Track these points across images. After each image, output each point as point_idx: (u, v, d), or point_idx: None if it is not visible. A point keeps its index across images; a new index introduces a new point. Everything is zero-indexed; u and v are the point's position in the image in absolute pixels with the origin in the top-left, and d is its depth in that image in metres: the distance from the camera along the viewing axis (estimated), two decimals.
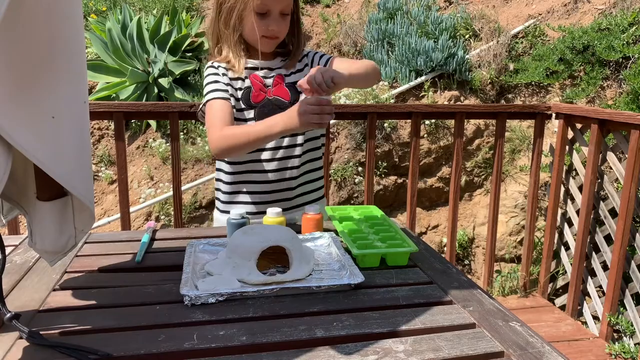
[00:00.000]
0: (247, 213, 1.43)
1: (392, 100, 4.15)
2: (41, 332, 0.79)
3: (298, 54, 1.48)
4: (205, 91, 1.44)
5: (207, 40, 1.52)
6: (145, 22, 4.85)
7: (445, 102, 4.08)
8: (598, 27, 3.62)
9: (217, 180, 1.52)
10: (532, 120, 2.66)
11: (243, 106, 1.42)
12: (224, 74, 1.43)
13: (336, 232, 1.25)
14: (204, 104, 1.42)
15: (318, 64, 1.48)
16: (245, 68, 1.43)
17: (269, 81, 1.44)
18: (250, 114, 1.42)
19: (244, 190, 1.46)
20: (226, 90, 1.41)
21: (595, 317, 2.51)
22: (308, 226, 1.25)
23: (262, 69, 1.45)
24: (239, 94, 1.43)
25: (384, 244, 1.14)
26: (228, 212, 1.49)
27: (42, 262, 1.09)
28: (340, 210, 1.39)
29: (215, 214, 1.55)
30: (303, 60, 1.51)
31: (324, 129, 1.51)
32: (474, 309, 0.91)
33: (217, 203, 1.54)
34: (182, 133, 4.16)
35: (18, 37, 0.73)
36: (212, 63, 1.46)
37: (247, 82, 1.42)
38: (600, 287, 2.44)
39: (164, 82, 4.44)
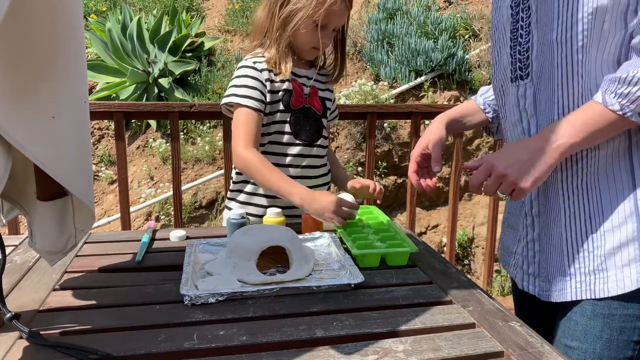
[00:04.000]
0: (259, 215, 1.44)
1: (392, 100, 4.15)
2: (41, 332, 0.79)
3: (341, 74, 1.52)
4: (236, 87, 1.39)
5: (252, 34, 1.50)
6: (145, 22, 4.85)
7: (445, 102, 4.08)
8: None
9: (236, 182, 1.51)
10: None
11: (282, 108, 1.42)
12: (267, 79, 1.40)
13: (336, 232, 1.25)
14: (232, 103, 1.38)
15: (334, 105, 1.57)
16: (295, 74, 1.44)
17: (307, 89, 1.46)
18: (287, 117, 1.42)
19: (261, 192, 1.46)
20: (260, 100, 1.38)
21: None
22: (308, 226, 1.25)
23: (301, 76, 1.46)
24: (279, 95, 1.42)
25: (383, 244, 1.14)
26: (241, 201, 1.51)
27: (42, 262, 1.09)
28: None
29: (227, 213, 1.54)
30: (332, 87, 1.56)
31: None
32: (474, 309, 0.91)
33: (230, 202, 1.53)
34: (182, 133, 4.16)
35: (18, 37, 0.73)
36: (252, 61, 1.42)
37: (289, 86, 1.42)
38: None
39: (164, 82, 4.44)
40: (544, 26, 0.95)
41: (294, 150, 1.43)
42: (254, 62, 1.41)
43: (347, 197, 1.27)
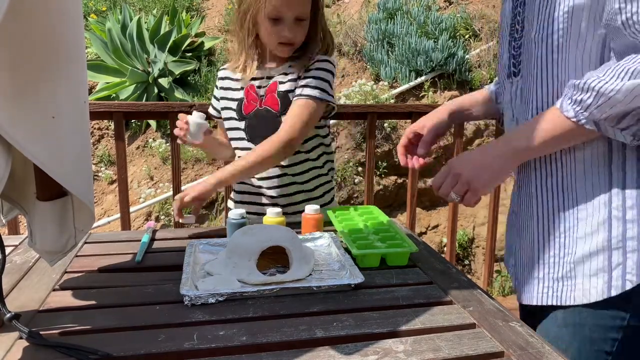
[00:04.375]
0: (254, 213, 1.44)
1: (392, 100, 4.15)
2: (41, 332, 0.79)
3: (305, 59, 1.41)
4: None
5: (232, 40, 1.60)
6: (145, 22, 4.85)
7: (445, 102, 4.08)
8: None
9: (239, 182, 1.52)
10: None
11: (235, 116, 1.46)
12: (221, 87, 1.51)
13: (336, 232, 1.25)
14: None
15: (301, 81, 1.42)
16: (252, 78, 1.44)
17: (262, 91, 1.43)
18: (242, 124, 1.44)
19: (264, 192, 1.47)
20: (215, 109, 1.55)
21: None
22: (308, 226, 1.25)
23: (269, 77, 1.43)
24: (234, 105, 1.47)
25: (383, 244, 1.14)
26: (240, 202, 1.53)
27: (42, 262, 1.09)
28: (340, 210, 1.39)
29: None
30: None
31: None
32: (474, 309, 0.91)
33: (232, 203, 1.54)
34: None
35: (18, 37, 0.73)
36: (221, 71, 1.53)
37: (242, 94, 1.45)
38: None
39: (163, 82, 4.44)
40: (528, 23, 0.93)
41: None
42: (221, 76, 1.52)
43: (195, 115, 1.40)
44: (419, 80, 4.23)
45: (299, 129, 1.35)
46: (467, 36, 4.55)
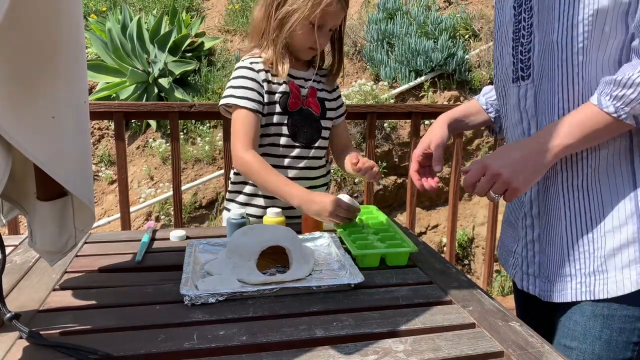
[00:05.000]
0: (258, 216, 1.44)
1: (392, 100, 4.15)
2: (41, 332, 0.79)
3: (338, 73, 1.51)
4: (233, 89, 1.39)
5: (249, 35, 1.51)
6: (145, 22, 4.85)
7: (445, 102, 4.08)
8: None
9: (235, 183, 1.50)
10: None
11: (279, 110, 1.42)
12: (264, 80, 1.40)
13: (336, 232, 1.25)
14: (230, 104, 1.39)
15: (339, 102, 1.55)
16: (289, 75, 1.43)
17: (305, 91, 1.45)
18: (284, 119, 1.42)
19: (260, 193, 1.46)
20: (258, 101, 1.38)
21: None
22: (308, 226, 1.25)
23: (299, 78, 1.45)
24: (276, 97, 1.41)
25: (383, 244, 1.14)
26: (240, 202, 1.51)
27: (42, 262, 1.09)
28: None
29: (226, 214, 1.53)
30: (333, 85, 1.54)
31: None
32: (474, 309, 0.91)
33: (229, 204, 1.53)
34: (182, 133, 4.16)
35: (18, 37, 0.73)
36: (249, 62, 1.42)
37: (286, 88, 1.42)
38: None
39: (164, 82, 4.44)
40: (545, 27, 0.95)
41: (292, 152, 1.43)
42: (251, 63, 1.41)
43: (345, 197, 1.27)
44: (419, 80, 4.23)
45: None
46: (466, 36, 4.55)
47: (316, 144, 1.46)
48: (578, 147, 0.92)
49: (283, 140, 1.43)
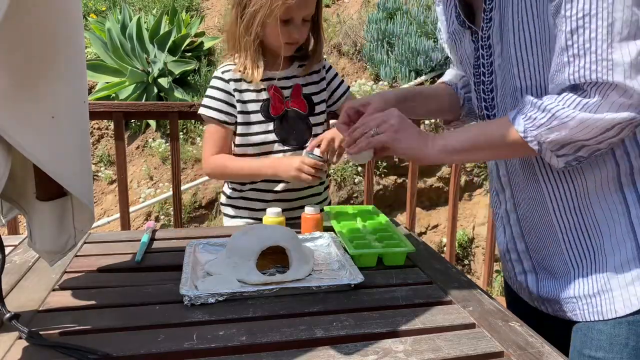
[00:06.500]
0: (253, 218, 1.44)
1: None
2: (41, 332, 0.79)
3: (315, 58, 1.46)
4: (206, 98, 1.42)
5: (224, 41, 1.50)
6: (144, 22, 4.85)
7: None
8: None
9: (231, 197, 1.51)
10: None
11: (262, 118, 1.41)
12: (235, 89, 1.40)
13: (335, 231, 1.25)
14: (203, 115, 1.43)
15: (335, 84, 1.52)
16: (262, 80, 1.40)
17: (287, 92, 1.43)
18: (270, 126, 1.42)
19: (258, 197, 1.47)
20: (227, 112, 1.40)
21: None
22: (308, 226, 1.25)
23: (281, 78, 1.43)
24: (254, 106, 1.41)
25: (381, 244, 1.14)
26: (238, 217, 1.49)
27: (41, 262, 1.08)
28: (338, 210, 1.39)
29: (227, 220, 1.53)
30: (321, 72, 1.49)
31: None
32: (474, 309, 0.91)
33: (226, 208, 1.53)
34: (181, 133, 4.16)
35: (18, 37, 0.73)
36: (221, 71, 1.42)
37: (266, 94, 1.41)
38: None
39: (163, 82, 4.44)
40: (505, 72, 0.94)
41: (286, 156, 1.43)
42: (222, 72, 1.42)
43: (316, 152, 1.32)
44: (419, 80, 4.23)
45: None
46: None
47: (308, 143, 1.45)
48: (474, 155, 0.95)
49: (275, 147, 1.43)
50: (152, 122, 4.44)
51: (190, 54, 4.77)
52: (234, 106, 1.40)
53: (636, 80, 0.77)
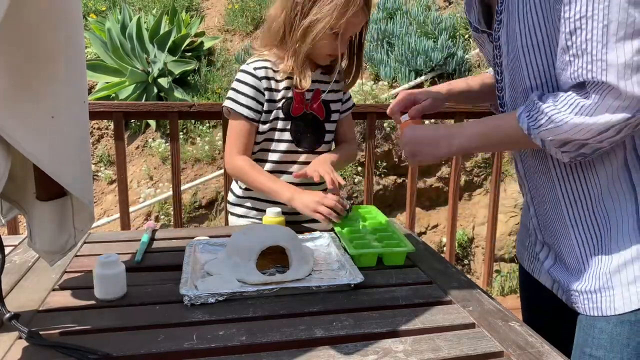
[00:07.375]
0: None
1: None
2: (41, 332, 0.79)
3: (355, 80, 1.49)
4: (234, 92, 1.39)
5: (263, 35, 1.44)
6: (144, 22, 4.85)
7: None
8: None
9: (239, 197, 1.50)
10: None
11: (282, 116, 1.40)
12: (266, 88, 1.38)
13: (335, 231, 1.25)
14: (230, 109, 1.39)
15: (345, 97, 1.53)
16: (287, 78, 1.38)
17: (309, 94, 1.43)
18: (288, 125, 1.41)
19: (263, 197, 1.46)
20: (256, 110, 1.38)
21: None
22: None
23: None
24: (279, 104, 1.40)
25: (380, 244, 1.14)
26: (244, 216, 1.49)
27: (41, 262, 1.08)
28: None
29: (233, 219, 1.53)
30: (341, 83, 1.51)
31: None
32: (474, 309, 0.91)
33: (234, 208, 1.52)
34: (181, 133, 4.16)
35: (17, 37, 0.73)
36: (253, 67, 1.39)
37: (290, 93, 1.40)
38: None
39: (163, 82, 4.44)
40: (514, 72, 0.95)
41: (298, 158, 1.43)
42: (254, 69, 1.38)
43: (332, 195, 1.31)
44: (419, 80, 4.23)
45: None
46: (466, 36, 4.55)
47: (319, 149, 1.46)
48: (482, 149, 0.98)
49: (287, 146, 1.42)
50: (152, 122, 4.44)
51: (190, 54, 4.78)
52: (262, 104, 1.39)
53: (630, 81, 0.78)
